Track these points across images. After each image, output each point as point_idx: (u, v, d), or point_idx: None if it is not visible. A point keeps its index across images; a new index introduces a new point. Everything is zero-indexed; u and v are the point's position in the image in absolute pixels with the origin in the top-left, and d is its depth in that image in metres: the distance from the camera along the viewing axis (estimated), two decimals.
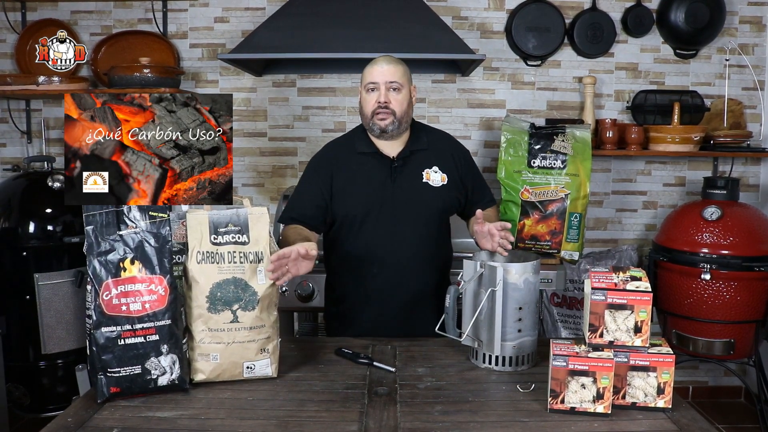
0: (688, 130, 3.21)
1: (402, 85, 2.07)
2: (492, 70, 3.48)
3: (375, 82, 2.06)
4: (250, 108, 3.52)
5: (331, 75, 3.49)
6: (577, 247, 2.85)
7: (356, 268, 2.13)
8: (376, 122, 2.06)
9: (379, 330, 2.07)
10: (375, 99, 2.05)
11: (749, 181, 3.53)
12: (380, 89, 2.05)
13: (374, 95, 2.06)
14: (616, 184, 3.56)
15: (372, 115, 2.06)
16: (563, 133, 2.88)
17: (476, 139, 3.52)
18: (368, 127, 2.11)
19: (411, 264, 2.10)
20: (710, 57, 3.47)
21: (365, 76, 2.09)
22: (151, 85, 3.18)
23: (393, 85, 2.06)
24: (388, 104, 2.04)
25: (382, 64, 2.08)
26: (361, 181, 2.06)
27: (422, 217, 2.12)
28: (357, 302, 2.16)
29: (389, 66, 2.07)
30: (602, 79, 3.47)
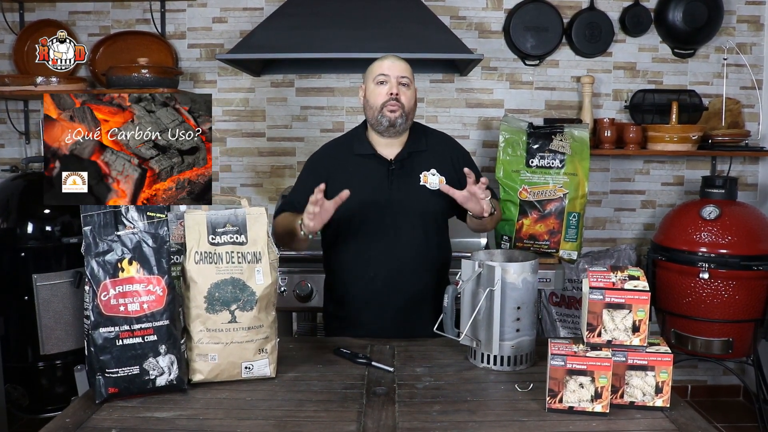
0: (687, 130, 3.21)
1: (410, 81, 2.09)
2: (490, 69, 3.48)
3: (386, 74, 2.06)
4: (248, 108, 3.52)
5: (329, 75, 3.49)
6: (576, 247, 2.86)
7: (355, 270, 2.13)
8: (386, 114, 2.05)
9: (379, 331, 2.07)
10: (386, 91, 2.04)
11: (747, 180, 3.54)
12: (391, 81, 2.05)
13: (385, 87, 2.05)
14: (615, 184, 3.56)
15: (382, 107, 2.05)
16: (561, 132, 2.88)
17: (474, 138, 3.52)
18: (375, 121, 2.08)
19: (409, 266, 2.10)
20: (708, 56, 3.48)
21: (375, 69, 2.09)
22: (149, 86, 3.18)
23: (403, 80, 2.07)
24: (399, 96, 2.04)
25: (392, 59, 2.09)
26: (358, 184, 2.03)
27: (420, 219, 2.11)
28: (356, 303, 2.15)
29: (400, 62, 2.09)
30: (600, 78, 3.47)
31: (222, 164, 3.55)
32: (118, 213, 1.57)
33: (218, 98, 3.51)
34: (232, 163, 3.55)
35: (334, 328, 2.24)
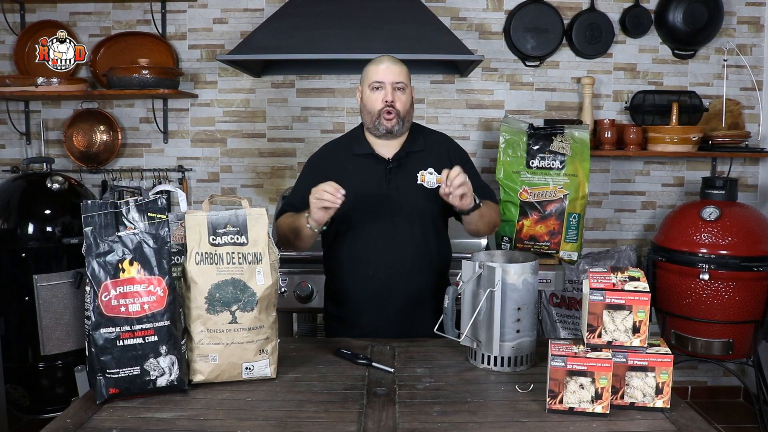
0: (687, 131, 3.22)
1: (406, 85, 2.10)
2: (490, 70, 3.49)
3: (381, 81, 2.07)
4: (249, 109, 3.52)
5: (329, 76, 3.49)
6: (576, 248, 2.86)
7: (354, 270, 2.13)
8: (383, 122, 2.08)
9: (379, 331, 2.07)
10: (382, 98, 2.06)
11: (748, 181, 3.54)
12: (386, 88, 2.06)
13: (380, 94, 2.07)
14: (615, 185, 3.56)
15: (379, 114, 2.07)
16: (562, 133, 2.88)
17: (475, 139, 3.52)
18: (372, 126, 2.11)
19: (408, 265, 2.10)
20: (708, 57, 3.48)
21: (370, 74, 2.10)
22: (149, 86, 3.18)
23: (398, 85, 2.07)
24: (394, 104, 2.06)
25: (387, 63, 2.09)
26: (356, 183, 2.04)
27: (418, 218, 2.12)
28: (356, 304, 2.15)
29: (395, 66, 2.09)
30: (601, 79, 3.47)
31: (222, 165, 3.55)
32: (119, 214, 1.57)
33: (219, 99, 3.51)
34: (232, 163, 3.55)
35: (334, 328, 2.25)
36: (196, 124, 3.55)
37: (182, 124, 3.55)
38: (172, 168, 3.54)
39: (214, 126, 3.54)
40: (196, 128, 3.55)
